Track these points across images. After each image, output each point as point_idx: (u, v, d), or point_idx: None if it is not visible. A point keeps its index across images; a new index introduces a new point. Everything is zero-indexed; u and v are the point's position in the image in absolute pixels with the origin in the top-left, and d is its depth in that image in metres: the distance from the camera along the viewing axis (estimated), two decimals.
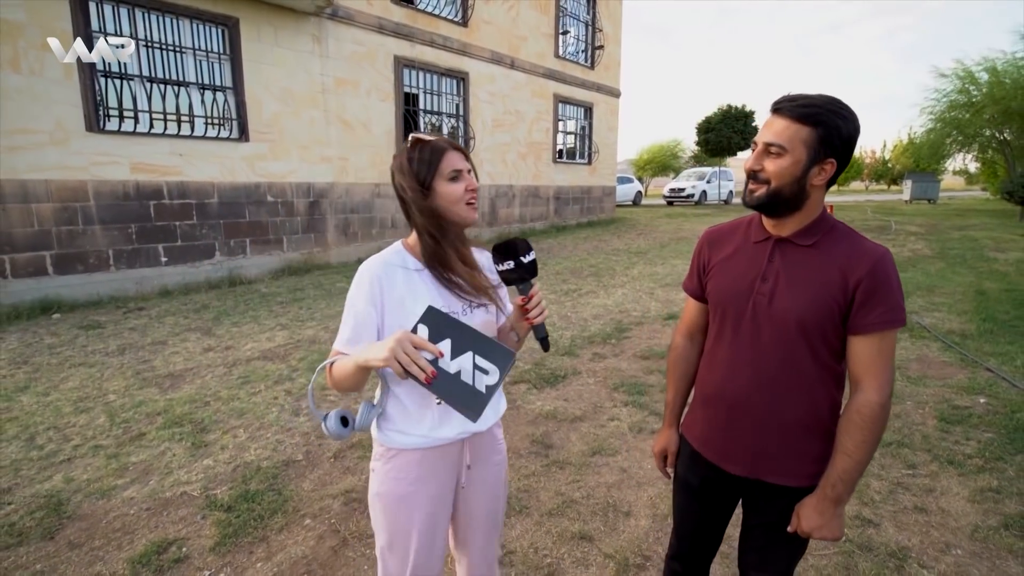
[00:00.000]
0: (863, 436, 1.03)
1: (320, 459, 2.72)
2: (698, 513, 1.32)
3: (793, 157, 1.02)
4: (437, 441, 1.15)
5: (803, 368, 1.09)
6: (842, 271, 1.03)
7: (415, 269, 1.15)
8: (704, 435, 1.25)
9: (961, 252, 9.08)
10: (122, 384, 3.66)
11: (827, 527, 1.07)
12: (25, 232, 5.35)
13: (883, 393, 1.02)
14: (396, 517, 1.17)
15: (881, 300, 1.01)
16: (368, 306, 1.10)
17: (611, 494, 2.41)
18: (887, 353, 1.03)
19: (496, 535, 1.36)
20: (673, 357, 1.38)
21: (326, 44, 7.67)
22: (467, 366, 0.98)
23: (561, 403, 3.35)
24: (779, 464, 1.13)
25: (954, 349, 4.18)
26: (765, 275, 1.11)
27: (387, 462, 1.17)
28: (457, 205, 1.12)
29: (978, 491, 2.38)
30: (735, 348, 1.16)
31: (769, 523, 1.18)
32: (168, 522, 2.24)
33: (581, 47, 13.57)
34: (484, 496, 1.28)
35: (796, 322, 1.06)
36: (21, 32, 5.09)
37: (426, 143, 1.11)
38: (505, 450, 1.35)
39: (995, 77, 17.05)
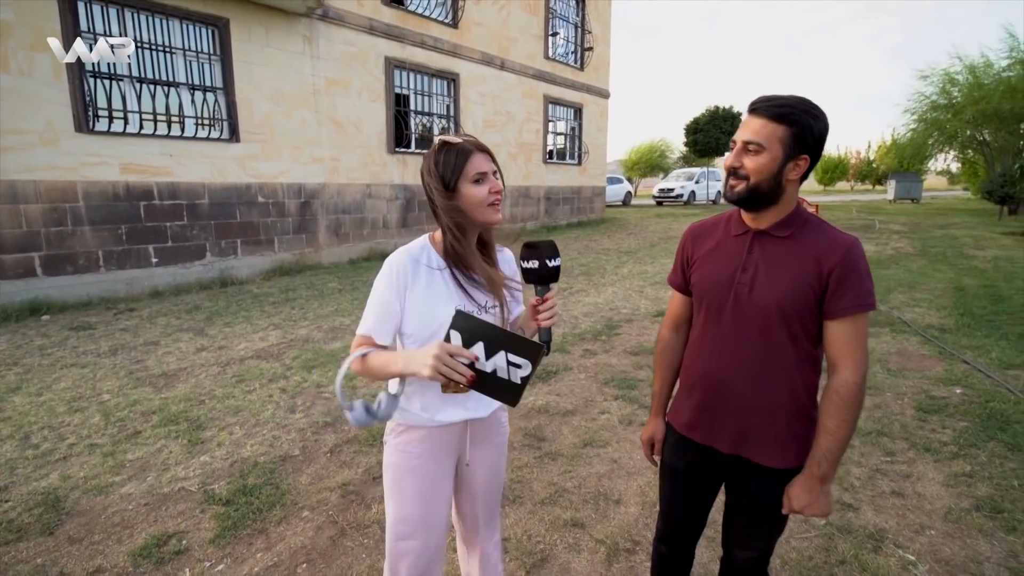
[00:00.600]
0: (843, 415, 1.10)
1: (316, 454, 2.76)
2: (683, 496, 1.39)
3: (770, 154, 1.09)
4: (438, 423, 1.23)
5: (783, 353, 1.16)
6: (816, 260, 1.11)
7: (437, 268, 1.20)
8: (690, 420, 1.32)
9: (942, 250, 9.30)
10: (115, 384, 3.67)
11: (816, 504, 1.14)
12: (14, 233, 5.32)
13: (859, 373, 1.10)
14: (403, 485, 1.26)
15: (852, 286, 1.09)
16: (393, 296, 1.16)
17: (602, 483, 2.48)
18: (860, 335, 1.11)
19: (497, 508, 1.43)
20: (660, 349, 1.45)
21: (317, 45, 7.69)
22: (501, 363, 1.05)
23: (553, 398, 3.42)
24: (761, 444, 1.20)
25: (933, 343, 4.31)
26: (745, 266, 1.18)
27: (397, 436, 1.26)
28: (480, 207, 1.15)
29: (952, 476, 2.48)
30: (718, 336, 1.23)
31: (752, 502, 1.26)
32: (167, 516, 2.27)
33: (570, 48, 13.68)
34: (486, 472, 1.36)
35: (776, 309, 1.13)
36: (10, 32, 5.06)
37: (453, 145, 1.14)
38: (507, 432, 1.42)
39: (974, 78, 17.44)
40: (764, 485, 1.21)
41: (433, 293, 1.18)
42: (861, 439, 2.84)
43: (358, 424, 1.12)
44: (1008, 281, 6.56)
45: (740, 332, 1.19)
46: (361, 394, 3.53)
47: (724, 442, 1.25)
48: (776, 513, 1.23)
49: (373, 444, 2.84)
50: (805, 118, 1.08)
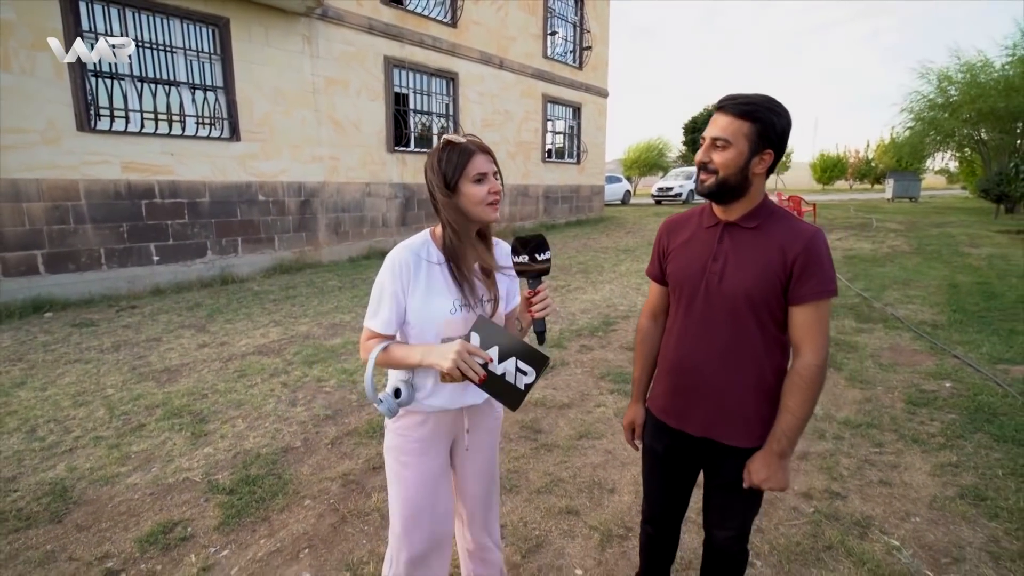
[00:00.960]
0: (803, 395, 1.17)
1: (318, 446, 2.82)
2: (664, 478, 1.45)
3: (737, 149, 1.16)
4: (440, 406, 1.29)
5: (751, 338, 1.22)
6: (781, 249, 1.18)
7: (437, 263, 1.26)
8: (665, 404, 1.38)
9: (937, 248, 9.37)
10: (119, 379, 3.73)
11: (774, 478, 1.20)
12: (16, 231, 5.37)
13: (819, 356, 1.16)
14: (403, 471, 1.32)
15: (814, 273, 1.16)
16: (398, 290, 1.23)
17: (596, 473, 2.54)
18: (822, 320, 1.17)
19: (495, 490, 1.49)
20: (639, 338, 1.52)
21: (316, 44, 7.73)
22: (511, 368, 1.15)
23: (550, 391, 3.48)
24: (730, 426, 1.27)
25: (925, 338, 4.37)
26: (716, 256, 1.25)
27: (396, 421, 1.33)
28: (479, 205, 1.21)
29: (938, 466, 2.54)
30: (691, 323, 1.29)
31: (725, 483, 1.32)
32: (172, 505, 2.33)
33: (569, 48, 13.73)
34: (482, 455, 1.43)
35: (744, 297, 1.20)
36: (12, 31, 5.11)
37: (456, 145, 1.20)
38: (501, 417, 1.49)
39: (972, 77, 17.51)
40: (735, 466, 1.27)
41: (433, 287, 1.25)
42: (851, 431, 2.90)
43: (389, 412, 1.21)
44: (1001, 278, 6.62)
45: (711, 319, 1.25)
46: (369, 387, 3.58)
47: (695, 426, 1.31)
48: (748, 492, 1.29)
49: (372, 436, 2.90)
50: (768, 115, 1.15)
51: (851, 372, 3.70)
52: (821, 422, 3.01)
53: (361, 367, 3.92)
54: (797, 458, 2.65)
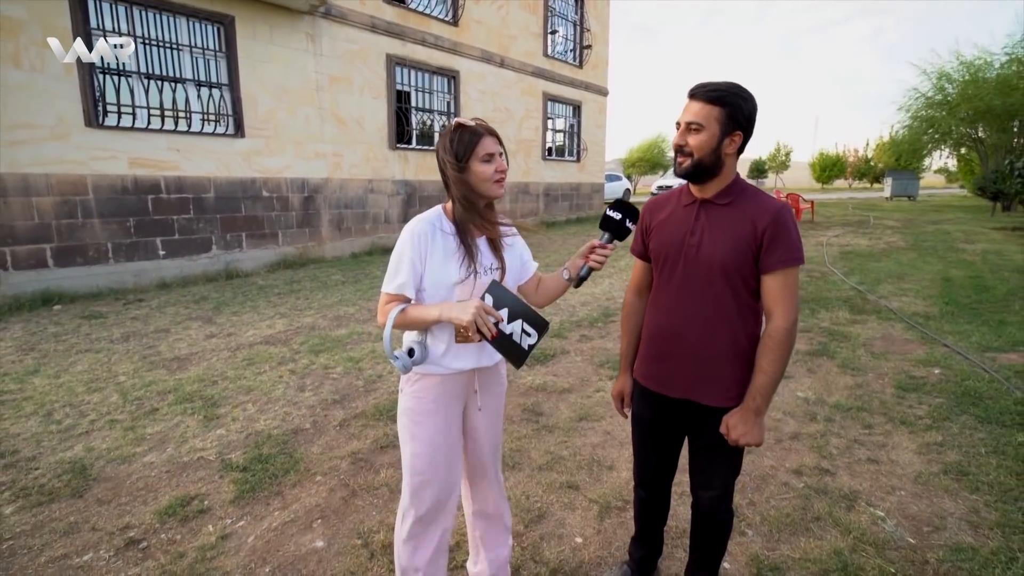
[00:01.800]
0: (774, 355, 1.27)
1: (326, 427, 2.92)
2: (651, 442, 1.55)
3: (709, 132, 1.27)
4: (453, 369, 1.39)
5: (726, 305, 1.33)
6: (752, 222, 1.29)
7: (450, 233, 1.37)
8: (649, 371, 1.48)
9: (933, 244, 9.48)
10: (130, 367, 3.82)
11: (750, 433, 1.30)
12: (26, 225, 5.46)
13: (788, 319, 1.27)
14: (418, 429, 1.41)
15: (781, 243, 1.26)
16: (415, 256, 1.33)
17: (596, 452, 2.64)
18: (790, 287, 1.28)
19: (499, 448, 1.61)
20: (625, 313, 1.62)
21: (320, 42, 7.83)
22: (517, 329, 1.27)
23: (551, 378, 3.58)
24: (709, 387, 1.37)
25: (917, 328, 4.47)
26: (693, 230, 1.36)
27: (412, 384, 1.42)
28: (487, 183, 1.33)
29: (924, 445, 2.64)
30: (670, 292, 1.40)
31: (707, 444, 1.42)
32: (188, 482, 2.43)
33: (569, 46, 13.82)
34: (491, 416, 1.54)
35: (719, 266, 1.31)
36: (22, 28, 5.21)
37: (467, 127, 1.32)
38: (506, 384, 1.60)
39: (971, 75, 17.61)
40: (716, 427, 1.37)
41: (447, 255, 1.35)
42: (842, 414, 3.00)
43: (404, 369, 1.31)
44: (994, 273, 6.73)
45: (690, 288, 1.36)
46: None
47: (677, 388, 1.41)
48: (729, 451, 1.39)
49: (380, 419, 2.99)
50: (736, 100, 1.26)
51: (843, 360, 3.80)
52: (813, 406, 3.11)
53: (367, 355, 4.02)
54: (789, 438, 2.75)
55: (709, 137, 1.26)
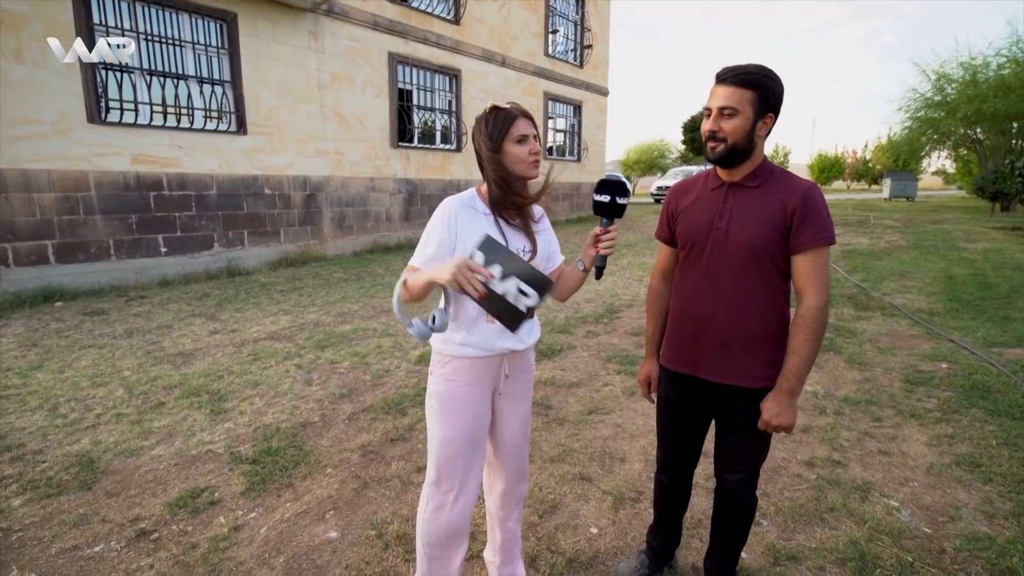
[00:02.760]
0: (806, 335, 1.27)
1: (335, 421, 2.90)
2: (677, 425, 1.55)
3: (743, 116, 1.27)
4: (485, 352, 1.38)
5: (755, 287, 1.33)
6: (781, 203, 1.28)
7: (484, 213, 1.37)
8: (678, 354, 1.48)
9: (934, 243, 9.50)
10: (135, 362, 3.80)
11: (783, 415, 1.30)
12: (27, 221, 5.44)
13: (820, 298, 1.26)
14: (447, 412, 1.40)
15: (812, 223, 1.26)
16: (447, 233, 1.33)
17: (607, 444, 2.63)
18: (821, 267, 1.27)
19: (527, 437, 1.59)
20: (651, 298, 1.62)
21: (322, 40, 7.82)
22: (512, 289, 1.20)
23: (558, 372, 3.57)
24: (738, 368, 1.36)
25: (922, 324, 4.48)
26: (721, 213, 1.36)
27: (443, 367, 1.41)
28: (521, 164, 1.33)
29: (935, 437, 2.64)
30: (699, 275, 1.39)
31: (735, 425, 1.42)
32: (197, 474, 2.41)
33: (570, 46, 13.84)
34: (518, 404, 1.52)
35: (749, 248, 1.30)
36: (24, 24, 5.18)
37: (501, 110, 1.32)
38: (534, 373, 1.59)
39: (971, 76, 17.68)
40: (745, 408, 1.37)
41: (481, 230, 1.33)
42: (851, 407, 3.00)
43: (419, 336, 1.27)
44: (996, 270, 6.75)
45: (718, 271, 1.35)
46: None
47: (706, 370, 1.41)
48: (756, 433, 1.38)
49: (389, 412, 2.98)
50: (767, 81, 1.26)
51: (850, 355, 3.80)
52: (822, 400, 3.11)
53: (373, 350, 4.00)
54: (800, 431, 2.74)
55: (744, 121, 1.26)
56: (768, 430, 1.33)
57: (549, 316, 5.00)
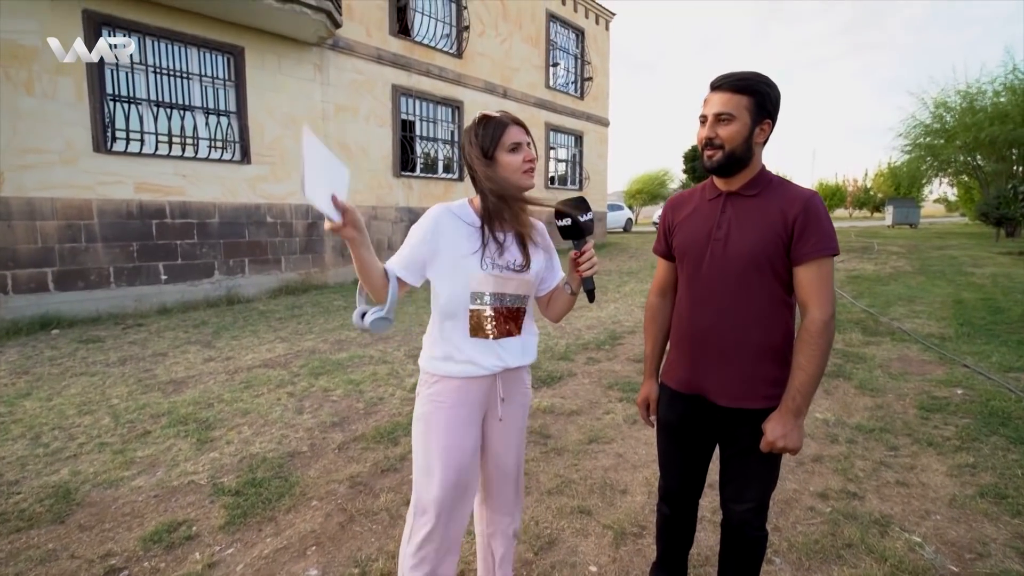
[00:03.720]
0: (812, 350, 1.18)
1: (325, 450, 2.79)
2: (679, 450, 1.44)
3: (741, 122, 1.22)
4: (475, 371, 1.29)
5: (758, 300, 1.25)
6: (782, 211, 1.22)
7: (472, 225, 1.31)
8: (678, 373, 1.39)
9: (940, 268, 9.39)
10: (125, 390, 3.71)
11: (788, 436, 1.19)
12: (29, 248, 5.44)
13: (825, 311, 1.18)
14: (434, 437, 1.30)
15: (814, 232, 1.19)
16: (426, 237, 1.26)
17: (608, 475, 2.50)
18: (825, 278, 1.20)
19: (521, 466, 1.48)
20: (649, 314, 1.53)
21: (327, 72, 8.00)
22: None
23: (558, 400, 3.45)
24: (742, 388, 1.27)
25: (933, 349, 4.34)
26: (719, 224, 1.30)
27: (429, 387, 1.33)
28: (516, 173, 1.27)
29: (955, 467, 2.49)
30: (698, 289, 1.32)
31: (741, 449, 1.31)
32: (177, 507, 2.29)
33: (571, 78, 14.13)
34: (514, 429, 1.42)
35: (749, 259, 1.23)
36: (36, 57, 5.32)
37: (491, 119, 1.27)
38: (531, 397, 1.49)
39: (969, 104, 17.88)
40: (750, 432, 1.27)
41: (465, 245, 1.28)
42: (864, 435, 2.86)
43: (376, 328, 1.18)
44: (1006, 295, 6.62)
45: (718, 283, 1.28)
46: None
47: (709, 389, 1.31)
48: (764, 459, 1.28)
49: (380, 441, 2.87)
50: (763, 87, 1.22)
51: (861, 381, 3.66)
52: (833, 427, 2.97)
53: (368, 377, 3.90)
54: (811, 460, 2.60)
55: (741, 127, 1.22)
56: (773, 451, 1.22)
57: (549, 343, 4.90)
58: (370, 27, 8.64)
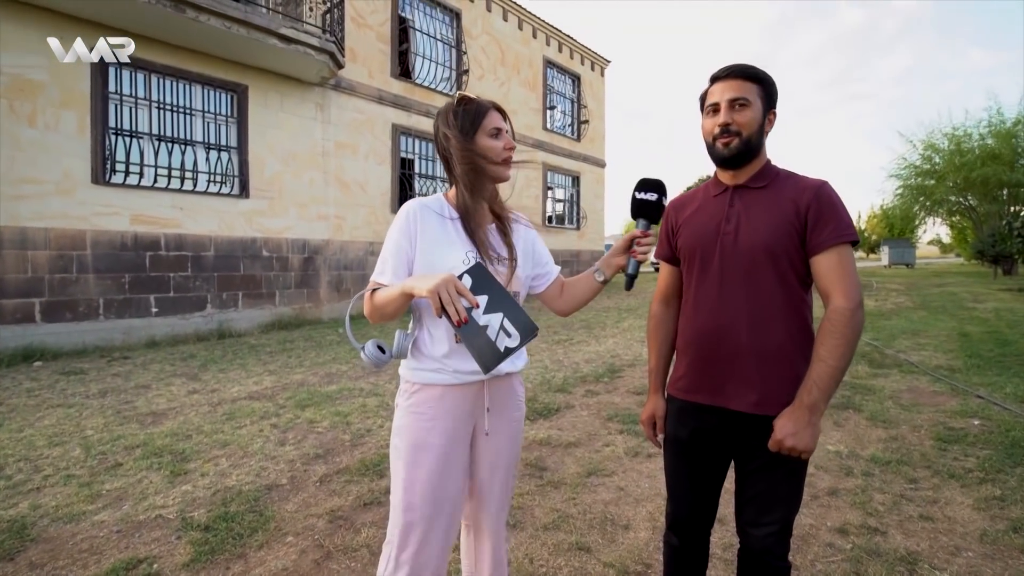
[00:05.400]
0: (835, 341, 1.07)
1: (305, 483, 2.60)
2: (690, 469, 1.30)
3: (755, 108, 1.18)
4: (457, 377, 1.17)
5: (774, 296, 1.15)
6: (793, 201, 1.15)
7: (450, 217, 1.21)
8: (689, 381, 1.27)
9: (942, 303, 9.32)
10: (101, 421, 3.54)
11: (800, 435, 1.06)
12: (17, 278, 5.36)
13: (851, 299, 1.08)
14: (412, 453, 1.17)
15: (830, 219, 1.12)
16: (404, 240, 1.17)
17: (608, 510, 2.32)
18: (847, 265, 1.11)
19: (510, 491, 1.33)
20: (652, 324, 1.43)
21: (329, 111, 8.17)
22: (495, 324, 1.06)
23: (555, 431, 3.28)
24: (760, 392, 1.15)
25: (944, 381, 4.20)
26: (728, 218, 1.22)
27: (409, 397, 1.20)
28: (494, 161, 1.20)
29: (982, 500, 2.32)
30: (708, 288, 1.23)
31: (759, 465, 1.17)
32: (139, 543, 2.10)
33: (568, 121, 14.51)
34: (502, 447, 1.28)
35: (762, 251, 1.15)
36: (42, 91, 5.41)
37: (472, 100, 1.20)
38: (524, 411, 1.35)
39: (956, 146, 18.33)
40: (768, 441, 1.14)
41: (442, 238, 1.19)
42: (880, 468, 2.69)
43: (371, 361, 1.11)
44: (1012, 328, 6.51)
45: (730, 280, 1.19)
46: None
47: (722, 397, 1.20)
48: (787, 474, 1.15)
49: (365, 474, 2.69)
50: (767, 77, 1.21)
51: (872, 412, 3.51)
52: (847, 460, 2.80)
53: (357, 409, 3.73)
54: (826, 494, 2.43)
55: (756, 113, 1.18)
56: (781, 451, 1.09)
57: (546, 376, 4.75)
58: (372, 69, 8.91)
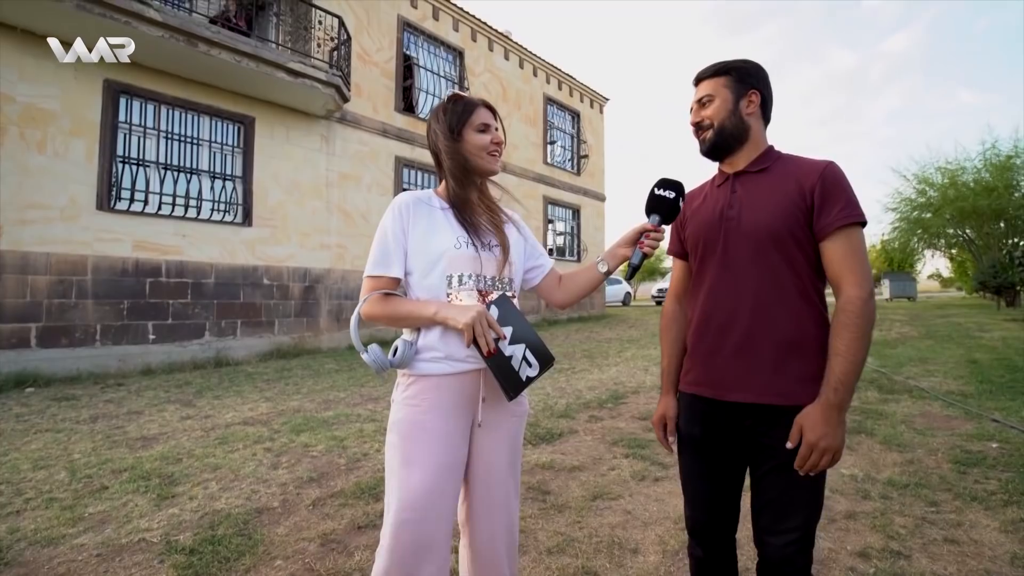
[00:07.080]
0: (851, 333, 1.03)
1: (297, 507, 2.49)
2: (706, 469, 1.23)
3: (720, 99, 1.21)
4: (453, 366, 1.15)
5: (783, 281, 1.12)
6: (797, 182, 1.13)
7: (440, 208, 1.23)
8: (699, 374, 1.23)
9: (947, 333, 9.22)
10: (89, 446, 3.43)
11: (830, 435, 1.02)
12: (16, 303, 5.33)
13: (863, 287, 1.05)
14: (409, 447, 1.13)
15: (836, 199, 1.09)
16: (398, 231, 1.18)
17: (615, 533, 2.20)
18: (856, 250, 1.08)
19: (515, 497, 1.26)
20: (665, 322, 1.40)
21: (333, 143, 8.34)
22: (518, 354, 1.13)
23: (558, 456, 3.17)
24: (773, 383, 1.10)
25: (957, 405, 4.09)
26: (731, 203, 1.21)
27: (405, 389, 1.18)
28: (482, 154, 1.23)
29: (1008, 523, 2.21)
30: (715, 275, 1.20)
31: (776, 465, 1.10)
32: (119, 567, 1.99)
33: (568, 155, 14.81)
34: (501, 439, 1.23)
35: (767, 233, 1.12)
36: (53, 119, 5.53)
37: (461, 98, 1.25)
38: (527, 410, 1.32)
39: (949, 179, 18.58)
40: (786, 437, 1.07)
41: (434, 226, 1.20)
42: (899, 491, 2.58)
43: (375, 364, 1.11)
44: (1021, 355, 6.41)
45: (737, 267, 1.17)
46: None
47: (734, 389, 1.15)
48: (808, 479, 1.08)
49: (360, 497, 2.57)
50: (738, 63, 1.23)
51: (885, 436, 3.39)
52: (863, 483, 2.69)
53: (354, 433, 3.62)
54: (844, 517, 2.32)
55: (721, 103, 1.21)
56: (813, 453, 1.02)
57: (548, 402, 4.64)
58: (376, 103, 9.14)
